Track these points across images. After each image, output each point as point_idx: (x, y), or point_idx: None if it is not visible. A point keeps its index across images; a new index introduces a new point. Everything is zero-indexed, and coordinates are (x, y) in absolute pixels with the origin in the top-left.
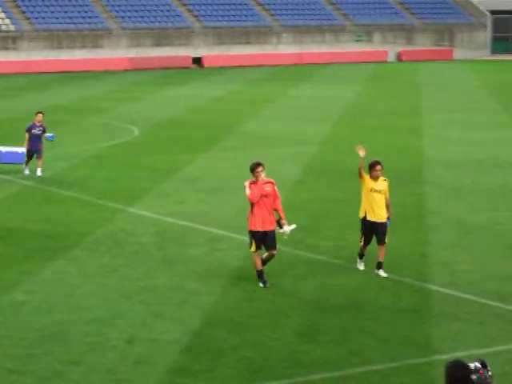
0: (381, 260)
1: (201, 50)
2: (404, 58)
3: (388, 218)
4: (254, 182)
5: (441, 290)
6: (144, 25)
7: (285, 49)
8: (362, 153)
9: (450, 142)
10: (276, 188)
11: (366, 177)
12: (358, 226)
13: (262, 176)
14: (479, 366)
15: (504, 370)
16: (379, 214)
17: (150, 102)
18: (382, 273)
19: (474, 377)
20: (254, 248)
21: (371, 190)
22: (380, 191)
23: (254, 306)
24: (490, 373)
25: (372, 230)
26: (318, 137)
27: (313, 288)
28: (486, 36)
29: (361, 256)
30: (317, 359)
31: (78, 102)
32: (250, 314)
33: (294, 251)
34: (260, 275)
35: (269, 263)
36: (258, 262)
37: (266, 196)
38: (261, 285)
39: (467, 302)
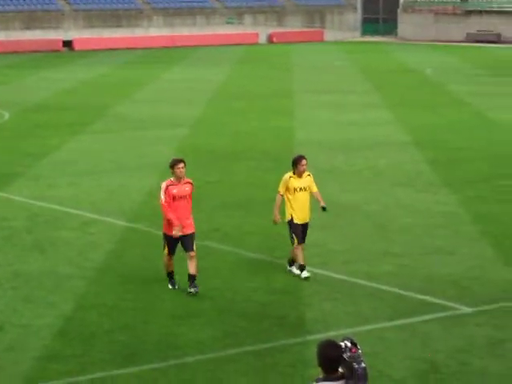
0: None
1: (71, 33)
2: (275, 40)
3: (323, 207)
4: (173, 183)
5: (313, 270)
6: (13, 7)
7: (156, 32)
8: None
9: (321, 123)
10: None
11: (287, 180)
12: (233, 207)
13: (183, 173)
14: (350, 344)
15: (375, 348)
16: (304, 216)
17: (20, 86)
18: (295, 270)
19: (346, 355)
20: (166, 252)
21: (295, 191)
22: (305, 188)
23: (126, 289)
24: (360, 351)
25: (299, 231)
26: (190, 119)
27: (186, 270)
28: (356, 18)
29: (302, 267)
30: (191, 341)
31: None
32: (123, 298)
33: None
34: (170, 276)
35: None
36: (169, 264)
37: (184, 197)
38: (170, 286)
39: (339, 281)
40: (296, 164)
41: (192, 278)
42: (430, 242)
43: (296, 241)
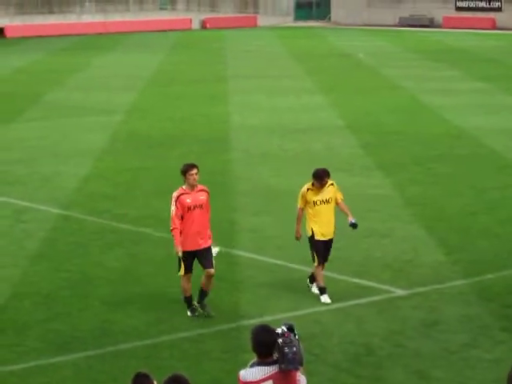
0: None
1: (2, 20)
2: (208, 26)
3: (352, 223)
4: (186, 192)
5: (249, 255)
6: None
7: (89, 18)
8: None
9: (255, 108)
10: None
11: (305, 193)
12: (168, 193)
13: (196, 180)
14: (285, 329)
15: (310, 331)
16: (327, 231)
17: None
18: (314, 289)
19: (279, 340)
20: (182, 271)
21: (315, 204)
22: (327, 200)
23: (61, 277)
24: (296, 336)
25: (321, 249)
26: (125, 106)
27: (120, 257)
28: (289, 3)
29: (322, 289)
30: (126, 328)
31: None
32: (58, 286)
33: (100, 221)
34: (189, 301)
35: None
36: (187, 287)
37: (200, 207)
38: (188, 313)
39: (274, 267)
40: (317, 179)
41: (203, 293)
42: (365, 226)
43: (317, 260)
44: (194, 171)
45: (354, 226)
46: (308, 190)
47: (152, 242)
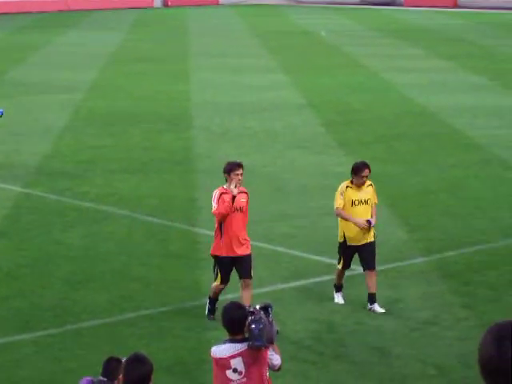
0: (373, 291)
1: None
2: (170, 4)
3: (368, 221)
4: (227, 191)
5: (209, 233)
6: None
7: None
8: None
9: (217, 86)
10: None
11: (344, 190)
12: (129, 171)
13: (241, 181)
14: (257, 307)
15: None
16: (363, 235)
17: None
18: (377, 308)
19: (249, 318)
20: (218, 281)
21: (353, 204)
22: (366, 201)
23: (21, 255)
24: (270, 315)
25: (354, 254)
26: (86, 83)
27: (82, 235)
28: None
29: (338, 287)
30: (87, 306)
31: None
32: (18, 264)
33: (61, 199)
34: (212, 303)
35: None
36: (217, 290)
37: (240, 210)
38: (206, 312)
39: None
40: (356, 173)
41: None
42: (327, 204)
43: (342, 263)
44: (240, 171)
45: (368, 223)
46: (347, 187)
47: (113, 220)
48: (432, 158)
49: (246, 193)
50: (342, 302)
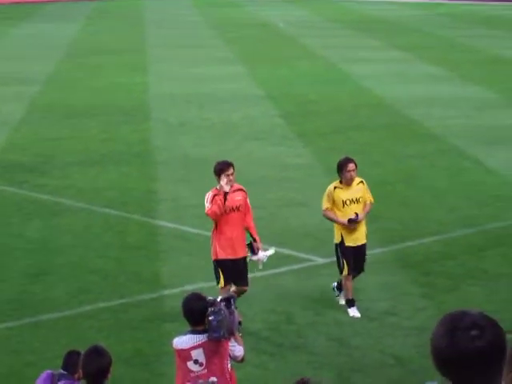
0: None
1: None
2: None
3: (356, 216)
4: (220, 192)
5: (168, 225)
6: None
7: None
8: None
9: (174, 78)
10: (248, 198)
11: (332, 192)
12: (87, 163)
13: (232, 180)
14: (218, 299)
15: None
16: (358, 235)
17: None
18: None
19: (209, 309)
20: (222, 283)
21: (344, 204)
22: (357, 200)
23: None
24: (232, 307)
25: (352, 256)
26: (43, 76)
27: (40, 228)
28: None
29: (351, 301)
30: (46, 299)
31: None
32: None
33: (19, 191)
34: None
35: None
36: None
37: (236, 209)
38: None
39: (194, 236)
40: (341, 169)
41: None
42: (285, 195)
43: (346, 269)
44: (230, 171)
45: (355, 219)
46: (335, 188)
47: (72, 213)
48: (389, 149)
49: (242, 190)
50: (359, 315)
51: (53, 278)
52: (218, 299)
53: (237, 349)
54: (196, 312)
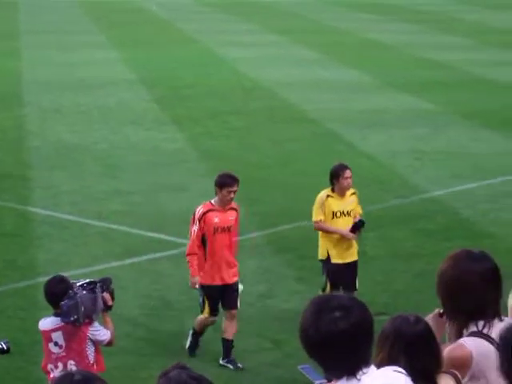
0: None
1: None
2: None
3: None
4: (214, 208)
5: (43, 212)
6: None
7: None
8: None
9: (49, 64)
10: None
11: (324, 201)
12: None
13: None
14: (78, 283)
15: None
16: (348, 252)
17: None
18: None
19: (70, 291)
20: (207, 312)
21: (335, 216)
22: (348, 213)
23: None
24: (97, 290)
25: (341, 275)
26: None
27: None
28: None
29: None
30: None
31: None
32: None
33: None
34: (196, 339)
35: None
36: (203, 325)
37: (227, 230)
38: (187, 347)
39: (69, 223)
40: (337, 176)
41: (228, 344)
42: (160, 180)
43: (329, 287)
44: (235, 188)
45: (360, 223)
46: (328, 196)
47: None
48: (266, 133)
49: (235, 210)
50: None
51: None
52: (80, 283)
53: (101, 333)
54: (56, 295)
